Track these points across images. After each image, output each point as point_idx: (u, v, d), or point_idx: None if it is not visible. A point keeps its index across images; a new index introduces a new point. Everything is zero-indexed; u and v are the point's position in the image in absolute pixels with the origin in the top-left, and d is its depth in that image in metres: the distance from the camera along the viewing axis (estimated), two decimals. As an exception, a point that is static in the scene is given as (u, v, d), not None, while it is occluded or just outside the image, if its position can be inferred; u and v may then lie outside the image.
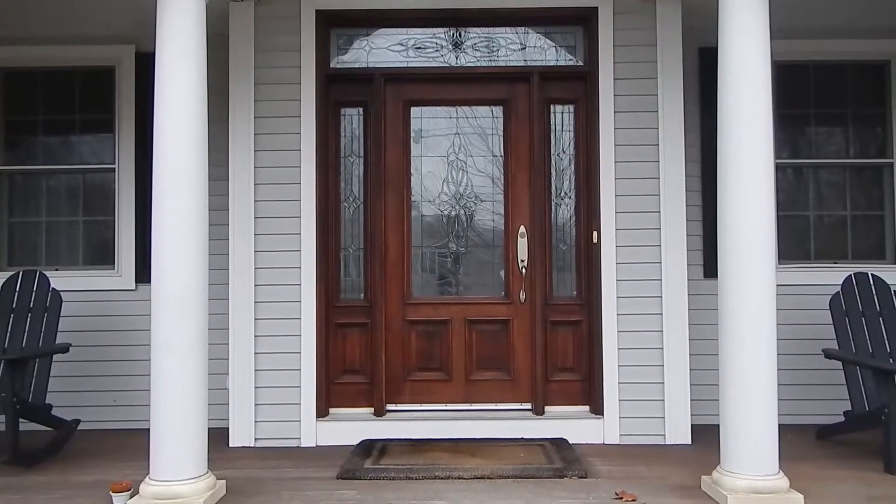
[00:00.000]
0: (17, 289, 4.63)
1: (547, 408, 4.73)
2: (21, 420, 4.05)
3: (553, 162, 4.88)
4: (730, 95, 3.45)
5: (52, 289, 4.59)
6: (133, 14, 4.95)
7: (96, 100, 5.26)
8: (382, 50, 4.86)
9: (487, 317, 4.89)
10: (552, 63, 4.86)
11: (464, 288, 4.99)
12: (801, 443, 4.38)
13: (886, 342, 4.51)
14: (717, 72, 3.54)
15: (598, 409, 4.62)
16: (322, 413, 4.63)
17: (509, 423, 4.65)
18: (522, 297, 4.83)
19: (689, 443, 4.47)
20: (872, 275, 4.70)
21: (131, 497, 3.38)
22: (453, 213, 4.99)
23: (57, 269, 5.10)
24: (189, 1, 3.44)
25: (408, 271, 4.96)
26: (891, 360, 4.40)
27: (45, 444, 4.26)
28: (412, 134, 4.96)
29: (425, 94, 4.92)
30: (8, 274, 4.74)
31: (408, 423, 4.65)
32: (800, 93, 5.27)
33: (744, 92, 3.42)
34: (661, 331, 4.53)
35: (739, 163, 3.42)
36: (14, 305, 4.60)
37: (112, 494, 3.41)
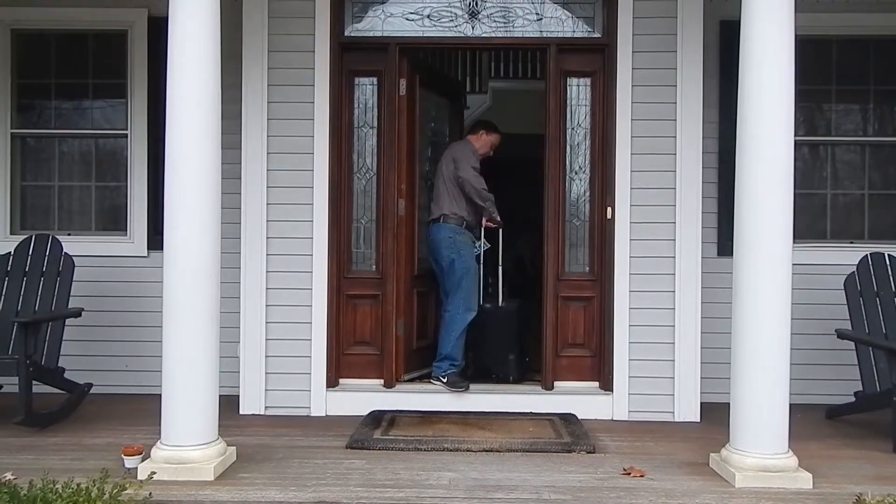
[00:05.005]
0: (30, 252, 4.64)
1: (556, 383, 4.73)
2: (34, 382, 4.09)
3: (568, 136, 4.80)
4: (751, 71, 3.38)
5: (65, 253, 4.60)
6: (146, -23, 4.89)
7: (109, 64, 5.21)
8: (398, 18, 4.77)
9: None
10: (569, 35, 4.76)
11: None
12: (810, 422, 4.36)
13: (900, 323, 4.48)
14: (738, 46, 3.47)
15: (607, 386, 4.62)
16: (332, 383, 4.64)
17: (518, 397, 4.65)
18: None
19: (699, 420, 4.46)
20: (889, 255, 4.65)
21: (143, 461, 3.41)
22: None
23: (69, 234, 5.10)
24: (203, -36, 3.38)
25: (418, 244, 4.95)
26: (904, 342, 4.37)
27: (57, 406, 4.30)
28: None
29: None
30: (21, 238, 4.76)
31: (417, 394, 4.66)
32: (821, 68, 5.15)
33: (765, 68, 3.34)
34: (674, 308, 4.50)
35: (759, 140, 3.36)
36: (27, 269, 4.61)
37: (123, 457, 3.44)
